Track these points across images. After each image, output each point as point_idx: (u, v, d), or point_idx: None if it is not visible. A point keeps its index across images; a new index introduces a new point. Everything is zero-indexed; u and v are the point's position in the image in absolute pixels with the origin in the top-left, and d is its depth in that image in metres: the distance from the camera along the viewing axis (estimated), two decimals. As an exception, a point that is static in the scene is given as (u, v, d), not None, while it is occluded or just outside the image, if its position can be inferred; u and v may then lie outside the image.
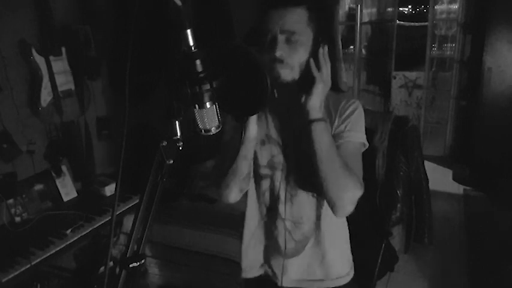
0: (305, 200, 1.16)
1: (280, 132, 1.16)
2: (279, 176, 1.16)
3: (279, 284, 1.23)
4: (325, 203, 1.15)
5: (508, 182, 3.42)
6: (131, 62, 0.76)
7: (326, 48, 1.03)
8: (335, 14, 4.59)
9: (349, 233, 1.30)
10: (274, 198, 1.18)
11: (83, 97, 2.38)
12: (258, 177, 1.20)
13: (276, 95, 1.09)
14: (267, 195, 1.20)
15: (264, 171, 1.18)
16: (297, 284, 1.23)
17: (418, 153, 1.83)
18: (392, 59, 4.80)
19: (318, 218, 1.17)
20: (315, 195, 1.16)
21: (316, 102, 1.01)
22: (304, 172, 1.13)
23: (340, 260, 1.24)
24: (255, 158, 1.18)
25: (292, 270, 1.22)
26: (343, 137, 1.09)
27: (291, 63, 1.02)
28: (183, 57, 0.76)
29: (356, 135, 1.11)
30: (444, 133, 4.60)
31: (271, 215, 1.20)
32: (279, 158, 1.15)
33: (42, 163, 2.29)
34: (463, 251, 2.92)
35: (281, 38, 1.01)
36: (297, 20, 1.02)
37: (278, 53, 1.00)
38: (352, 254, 1.29)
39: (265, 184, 1.19)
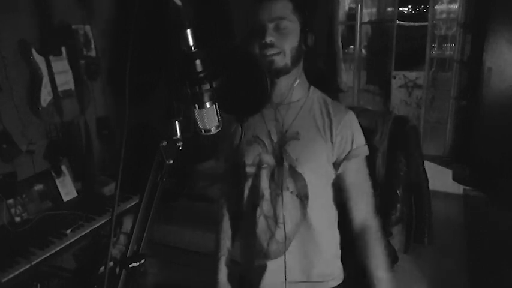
0: (288, 199, 1.15)
1: (267, 131, 1.16)
2: (264, 174, 1.16)
3: (260, 285, 1.21)
4: (309, 206, 1.15)
5: (508, 182, 3.42)
6: (131, 62, 0.76)
7: (313, 37, 1.11)
8: (334, 14, 4.59)
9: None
10: (259, 196, 1.17)
11: (82, 97, 2.38)
12: (245, 175, 1.20)
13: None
14: (253, 192, 1.19)
15: (249, 169, 1.18)
16: (280, 286, 1.20)
17: (418, 153, 1.83)
18: (392, 59, 4.80)
19: (302, 219, 1.16)
20: (299, 195, 1.15)
21: None
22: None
23: (324, 261, 1.21)
24: (241, 157, 1.19)
25: (276, 271, 1.19)
26: (351, 155, 1.15)
27: (281, 47, 1.07)
28: (183, 57, 0.76)
29: (362, 148, 1.18)
30: (444, 133, 4.60)
31: (254, 213, 1.19)
32: (264, 157, 1.16)
33: (42, 163, 2.29)
34: (463, 251, 2.92)
35: (270, 25, 1.07)
36: (283, 7, 1.08)
37: (268, 39, 1.05)
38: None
39: (251, 182, 1.19)
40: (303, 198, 1.15)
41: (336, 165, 1.16)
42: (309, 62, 1.14)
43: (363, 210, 1.19)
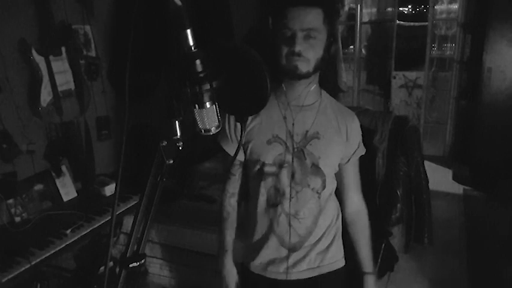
0: (309, 195, 1.22)
1: (287, 131, 1.21)
2: (284, 173, 1.21)
3: (279, 277, 1.28)
4: (322, 197, 1.24)
5: (508, 182, 3.42)
6: (131, 62, 0.76)
7: (336, 46, 1.14)
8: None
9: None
10: (279, 195, 1.23)
11: (82, 97, 2.38)
12: (262, 175, 1.24)
13: (284, 88, 1.19)
14: (272, 191, 1.24)
15: (270, 168, 1.22)
16: (297, 276, 1.28)
17: (418, 153, 1.83)
18: (392, 58, 4.80)
19: (319, 212, 1.25)
20: (318, 191, 1.22)
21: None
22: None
23: (334, 246, 1.31)
24: (259, 157, 1.22)
25: (295, 263, 1.27)
26: (356, 154, 1.27)
27: (307, 56, 1.11)
28: (183, 57, 0.76)
29: (363, 148, 1.29)
30: (444, 133, 4.60)
31: (274, 211, 1.24)
32: (285, 156, 1.21)
33: (42, 163, 2.29)
34: (463, 251, 2.92)
35: (300, 35, 1.09)
36: (315, 18, 1.10)
37: (297, 48, 1.09)
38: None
39: (270, 181, 1.24)
40: (320, 191, 1.23)
41: (344, 159, 1.27)
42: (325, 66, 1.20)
43: (356, 198, 1.33)
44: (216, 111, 0.78)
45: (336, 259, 1.31)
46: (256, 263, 1.31)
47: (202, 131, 0.79)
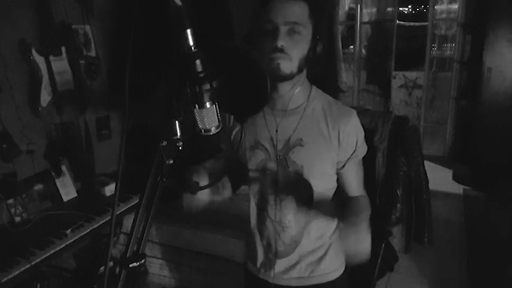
0: (293, 205, 1.17)
1: (269, 137, 1.16)
2: (268, 180, 1.18)
3: (270, 281, 1.26)
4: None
5: (508, 182, 3.42)
6: (131, 62, 0.76)
7: (322, 46, 1.07)
8: (334, 14, 4.60)
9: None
10: (264, 201, 1.20)
11: (83, 97, 2.38)
12: (249, 180, 1.23)
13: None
14: (258, 197, 1.23)
15: (253, 174, 1.20)
16: (288, 282, 1.25)
17: (418, 153, 1.83)
18: (392, 59, 4.80)
19: (308, 222, 1.19)
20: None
21: None
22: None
23: (329, 257, 1.25)
24: (245, 162, 1.21)
25: (286, 270, 1.25)
26: (353, 157, 1.17)
27: (291, 54, 1.02)
28: (183, 57, 0.76)
29: (363, 147, 1.20)
30: (444, 133, 4.60)
31: (262, 216, 1.23)
32: (267, 163, 1.17)
33: (42, 163, 2.29)
34: (463, 251, 2.92)
35: (283, 29, 1.01)
36: (300, 12, 1.02)
37: (280, 43, 1.00)
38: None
39: (255, 187, 1.22)
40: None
41: (339, 164, 1.18)
42: (312, 66, 1.12)
43: (356, 190, 1.24)
44: (216, 111, 0.78)
45: (329, 270, 1.25)
46: (251, 264, 1.32)
47: (202, 131, 0.79)
